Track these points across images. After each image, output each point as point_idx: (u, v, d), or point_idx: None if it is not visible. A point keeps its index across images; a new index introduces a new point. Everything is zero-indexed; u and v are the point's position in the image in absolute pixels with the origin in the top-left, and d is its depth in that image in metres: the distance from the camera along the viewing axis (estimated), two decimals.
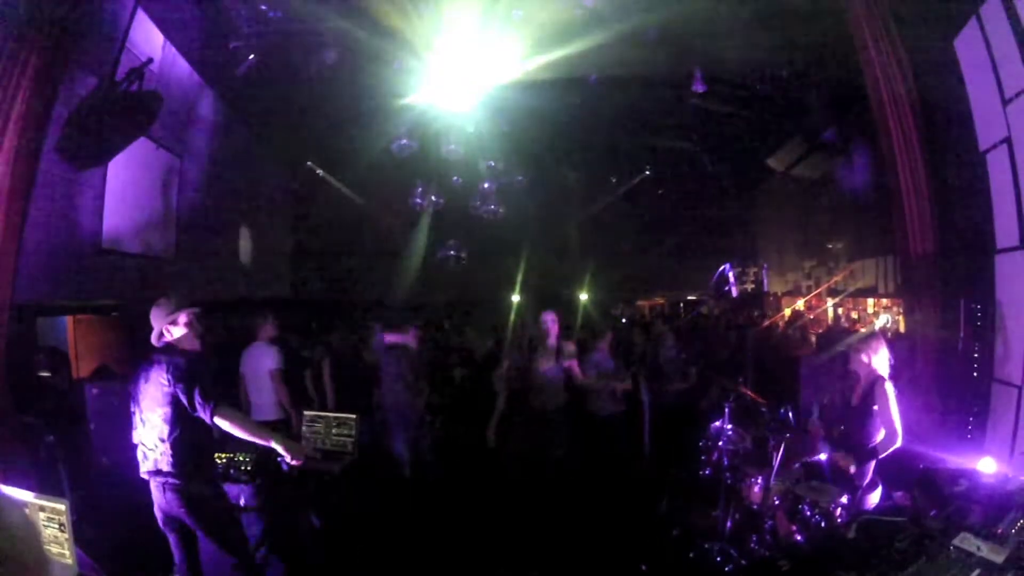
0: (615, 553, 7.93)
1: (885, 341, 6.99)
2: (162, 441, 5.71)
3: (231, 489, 6.69)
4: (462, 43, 10.82)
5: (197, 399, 5.61)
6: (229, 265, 14.25)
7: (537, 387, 9.12)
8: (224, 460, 7.17)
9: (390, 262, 21.80)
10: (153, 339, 5.99)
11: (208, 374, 5.94)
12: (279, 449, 5.89)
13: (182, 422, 5.71)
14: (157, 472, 5.78)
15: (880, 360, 6.75)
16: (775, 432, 7.43)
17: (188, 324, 6.07)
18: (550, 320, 9.29)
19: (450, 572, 7.79)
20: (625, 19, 10.16)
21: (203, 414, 5.61)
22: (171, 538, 6.01)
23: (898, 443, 6.50)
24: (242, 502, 6.85)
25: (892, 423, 6.49)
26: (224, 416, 5.66)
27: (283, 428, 9.02)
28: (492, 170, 15.86)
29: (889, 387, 6.56)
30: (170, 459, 5.71)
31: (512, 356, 9.99)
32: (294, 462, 6.01)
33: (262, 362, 9.30)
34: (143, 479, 5.95)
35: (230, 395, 9.45)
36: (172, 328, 5.98)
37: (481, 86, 12.42)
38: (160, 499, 5.85)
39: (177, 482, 5.75)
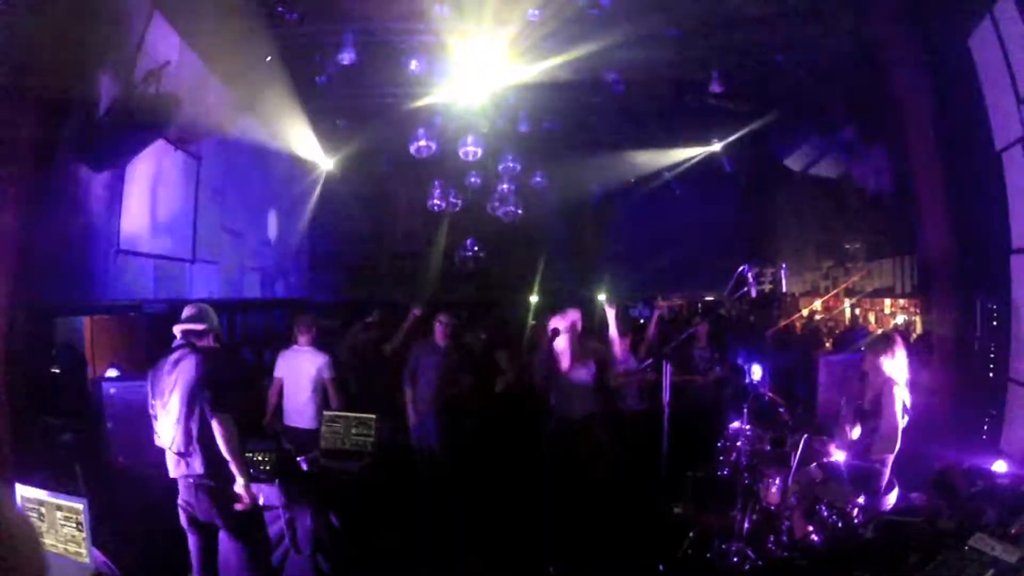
0: (632, 552, 7.94)
1: (903, 343, 6.95)
2: (191, 441, 5.74)
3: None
4: (479, 43, 10.83)
5: (207, 401, 5.69)
6: (246, 265, 14.29)
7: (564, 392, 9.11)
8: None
9: (408, 263, 21.84)
10: (176, 341, 6.10)
11: (223, 377, 6.03)
12: (239, 483, 5.90)
13: (210, 422, 5.75)
14: (187, 473, 5.82)
15: (893, 364, 6.70)
16: (793, 432, 7.44)
17: (209, 330, 6.16)
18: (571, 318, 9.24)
19: (467, 569, 7.83)
20: (643, 18, 10.16)
21: (208, 414, 5.68)
22: (191, 537, 6.05)
23: (891, 448, 6.47)
24: (261, 501, 6.88)
25: (889, 428, 6.45)
26: (220, 425, 5.71)
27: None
28: (510, 171, 15.86)
29: (898, 391, 6.51)
30: (201, 460, 5.74)
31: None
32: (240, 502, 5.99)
33: (307, 368, 9.21)
34: (160, 478, 5.99)
35: (248, 398, 9.50)
36: (193, 330, 6.07)
37: (498, 86, 12.43)
38: (190, 499, 5.88)
39: (210, 483, 5.78)
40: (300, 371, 9.18)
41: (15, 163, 6.56)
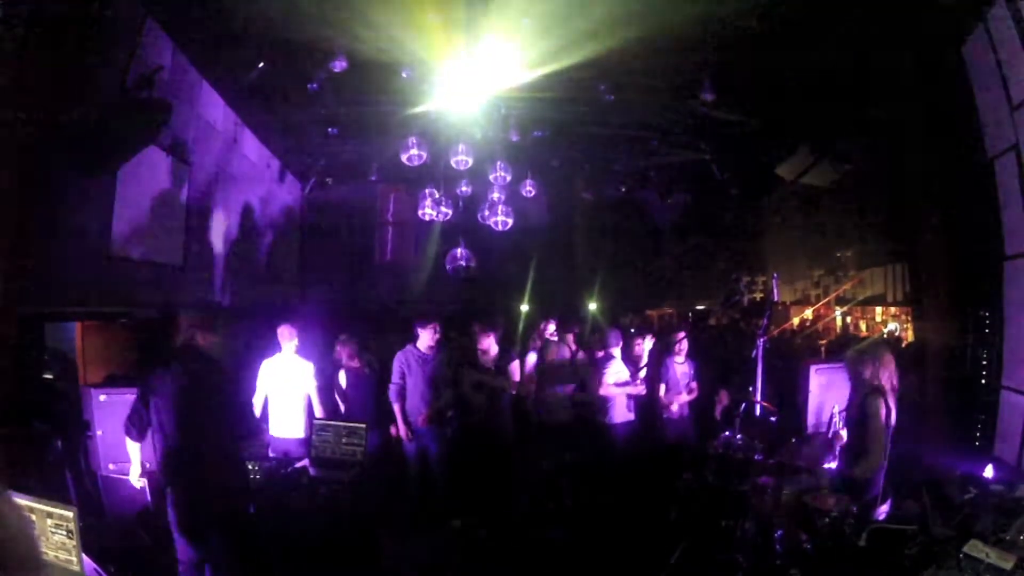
0: (624, 562, 7.92)
1: (891, 351, 6.94)
2: (200, 448, 5.76)
3: None
4: (471, 52, 10.81)
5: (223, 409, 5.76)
6: (237, 272, 14.25)
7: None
8: None
9: (398, 272, 21.81)
10: (178, 344, 6.13)
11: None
12: None
13: (220, 430, 5.78)
14: (190, 479, 5.82)
15: (877, 373, 6.66)
16: (785, 440, 7.43)
17: (213, 336, 6.19)
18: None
19: None
20: (635, 27, 10.15)
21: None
22: (181, 542, 6.02)
23: (880, 461, 6.46)
24: (251, 509, 6.86)
25: (875, 442, 6.42)
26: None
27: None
28: (500, 180, 15.81)
29: (881, 401, 6.47)
30: (209, 466, 5.76)
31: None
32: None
33: (293, 377, 9.18)
34: (149, 484, 5.99)
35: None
36: (199, 334, 6.09)
37: (489, 95, 12.40)
38: (183, 505, 5.87)
39: (211, 491, 5.80)
40: (286, 380, 9.15)
41: (6, 168, 6.53)
